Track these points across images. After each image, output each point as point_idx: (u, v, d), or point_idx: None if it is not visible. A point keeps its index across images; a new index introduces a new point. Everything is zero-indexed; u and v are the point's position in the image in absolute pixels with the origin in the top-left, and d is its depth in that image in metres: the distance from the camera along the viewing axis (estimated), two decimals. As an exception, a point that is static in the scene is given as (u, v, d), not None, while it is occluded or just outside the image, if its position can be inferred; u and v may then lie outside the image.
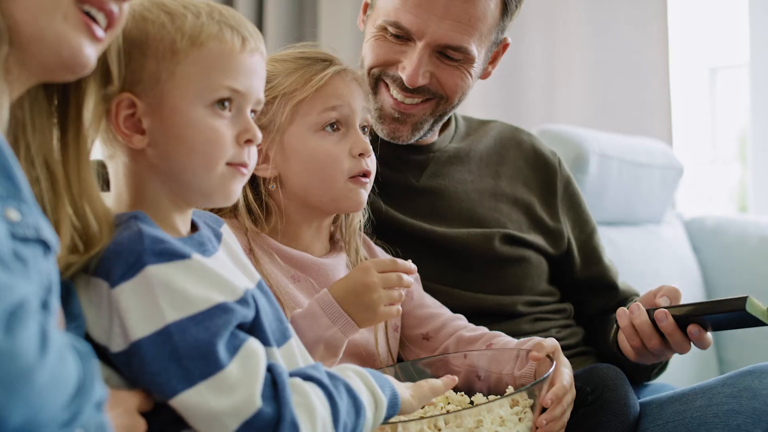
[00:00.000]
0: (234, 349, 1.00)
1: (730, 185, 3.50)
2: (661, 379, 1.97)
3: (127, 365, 1.00)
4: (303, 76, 1.42)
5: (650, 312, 1.50)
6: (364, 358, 1.44)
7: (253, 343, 1.02)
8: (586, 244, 1.81)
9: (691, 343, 1.51)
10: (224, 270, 1.08)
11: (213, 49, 1.07)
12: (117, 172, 1.11)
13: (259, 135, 1.11)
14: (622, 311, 1.53)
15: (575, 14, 2.89)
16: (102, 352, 1.01)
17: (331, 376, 1.07)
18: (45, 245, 0.86)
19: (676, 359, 2.27)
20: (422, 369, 1.44)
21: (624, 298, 1.81)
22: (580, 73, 2.89)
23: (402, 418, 1.29)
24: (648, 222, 2.55)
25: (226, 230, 1.21)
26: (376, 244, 1.56)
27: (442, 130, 1.77)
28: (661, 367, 1.73)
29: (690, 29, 3.14)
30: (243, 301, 1.04)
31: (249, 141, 1.10)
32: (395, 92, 1.60)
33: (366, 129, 1.47)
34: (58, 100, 1.02)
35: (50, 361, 0.76)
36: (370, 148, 1.44)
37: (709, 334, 1.50)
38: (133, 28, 1.06)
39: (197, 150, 1.07)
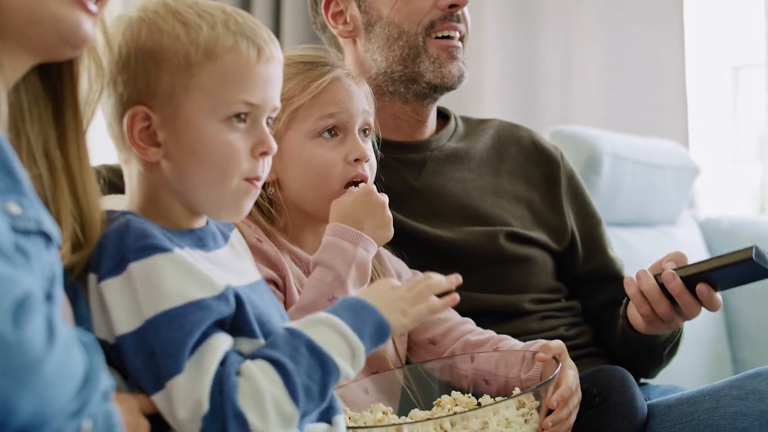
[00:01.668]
0: (194, 350, 1.00)
1: (752, 185, 3.48)
2: (673, 380, 1.97)
3: (120, 359, 1.03)
4: (301, 82, 1.42)
5: (657, 276, 1.49)
6: (371, 360, 1.44)
7: (212, 341, 1.01)
8: (589, 236, 1.80)
9: (702, 307, 1.49)
10: (218, 264, 1.08)
11: (228, 62, 1.06)
12: (131, 176, 1.12)
13: (275, 146, 1.11)
14: (629, 279, 1.52)
15: (590, 13, 2.89)
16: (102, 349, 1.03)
17: (293, 333, 1.04)
18: (47, 237, 0.87)
19: (689, 360, 2.28)
20: (430, 371, 1.45)
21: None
22: (596, 73, 2.89)
23: (407, 419, 1.31)
24: (662, 223, 2.54)
25: (235, 234, 1.22)
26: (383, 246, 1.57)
27: (440, 128, 1.78)
28: (673, 346, 1.70)
29: (713, 26, 3.11)
30: (222, 297, 1.03)
31: (264, 153, 1.10)
32: (444, 33, 1.65)
33: (368, 131, 1.47)
34: (53, 83, 1.02)
35: (57, 353, 0.77)
36: (367, 153, 1.44)
37: (719, 295, 1.48)
38: (148, 40, 1.06)
39: (212, 164, 1.07)
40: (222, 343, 1.01)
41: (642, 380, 1.76)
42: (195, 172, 1.08)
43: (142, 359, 1.01)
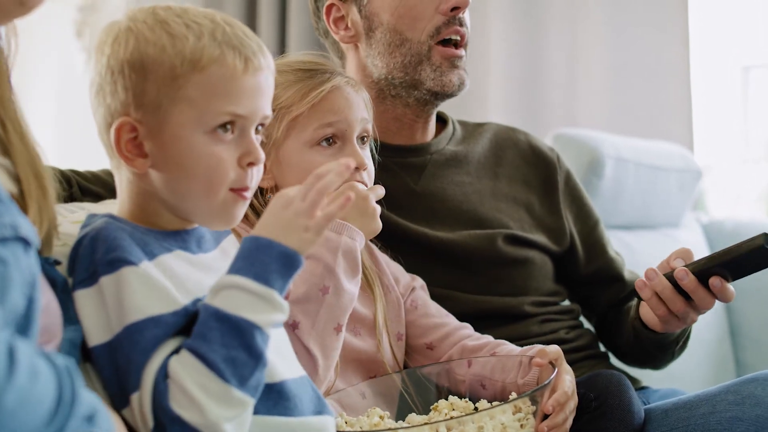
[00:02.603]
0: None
1: (761, 186, 3.47)
2: (676, 382, 1.97)
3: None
4: (300, 90, 1.42)
5: (668, 275, 1.50)
6: (369, 366, 1.45)
7: (155, 355, 1.01)
8: (589, 238, 1.82)
9: (716, 299, 1.50)
10: (201, 267, 1.08)
11: (214, 73, 1.06)
12: (121, 182, 1.14)
13: (262, 156, 1.11)
14: (641, 282, 1.53)
15: (595, 15, 2.88)
16: None
17: (204, 308, 1.03)
18: (24, 242, 0.87)
19: (692, 362, 2.28)
20: (428, 375, 1.45)
21: (632, 290, 1.80)
22: (601, 75, 2.89)
23: (404, 424, 1.32)
24: (665, 226, 2.54)
25: (229, 240, 1.23)
26: (380, 250, 1.58)
27: (438, 132, 1.79)
28: (684, 340, 1.71)
29: (722, 27, 3.11)
30: (180, 312, 1.04)
31: (251, 164, 1.10)
32: (449, 37, 1.65)
33: (366, 138, 1.48)
34: None
35: (20, 381, 0.76)
36: (365, 161, 1.44)
37: (731, 286, 1.49)
38: (135, 51, 1.06)
39: (198, 176, 1.08)
40: (162, 353, 1.01)
41: (642, 384, 1.77)
42: (182, 183, 1.08)
43: (110, 372, 1.03)
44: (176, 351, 1.02)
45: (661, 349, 1.68)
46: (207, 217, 1.12)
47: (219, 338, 0.99)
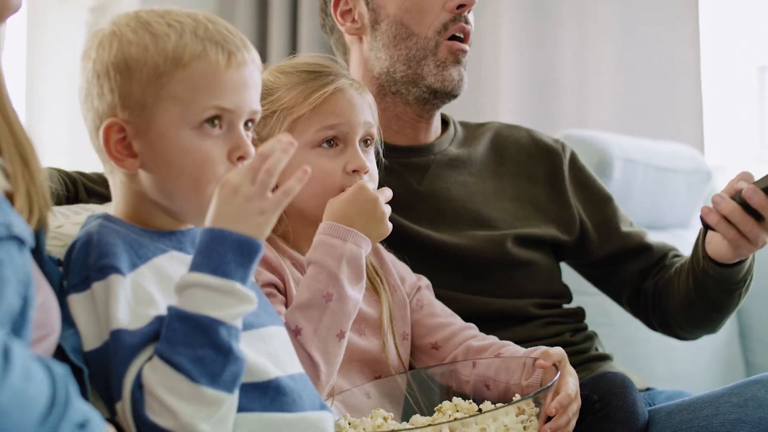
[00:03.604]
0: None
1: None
2: (686, 384, 1.97)
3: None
4: (303, 92, 1.43)
5: (735, 197, 1.50)
6: (373, 366, 1.46)
7: (132, 365, 1.02)
8: (602, 218, 1.81)
9: None
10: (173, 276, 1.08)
11: (197, 69, 1.07)
12: (115, 186, 1.15)
13: (252, 150, 1.11)
14: (706, 209, 1.53)
15: (605, 15, 2.88)
16: None
17: (168, 310, 1.02)
18: (19, 241, 0.88)
19: (701, 364, 2.28)
20: (432, 376, 1.46)
21: (663, 255, 1.81)
22: (611, 75, 2.88)
23: (407, 425, 1.32)
24: (675, 226, 2.53)
25: None
26: (387, 251, 1.58)
27: (441, 132, 1.79)
28: (748, 282, 1.68)
29: (738, 27, 3.10)
30: (156, 320, 1.04)
31: (241, 158, 1.10)
32: (456, 34, 1.67)
33: (369, 141, 1.48)
34: None
35: (14, 380, 0.77)
36: (367, 164, 1.44)
37: None
38: (118, 53, 1.08)
39: (187, 173, 1.08)
40: (139, 361, 1.02)
41: (648, 386, 1.77)
42: (171, 181, 1.09)
43: (101, 379, 1.04)
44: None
45: (728, 291, 1.65)
46: (198, 216, 1.11)
47: (183, 339, 0.99)
